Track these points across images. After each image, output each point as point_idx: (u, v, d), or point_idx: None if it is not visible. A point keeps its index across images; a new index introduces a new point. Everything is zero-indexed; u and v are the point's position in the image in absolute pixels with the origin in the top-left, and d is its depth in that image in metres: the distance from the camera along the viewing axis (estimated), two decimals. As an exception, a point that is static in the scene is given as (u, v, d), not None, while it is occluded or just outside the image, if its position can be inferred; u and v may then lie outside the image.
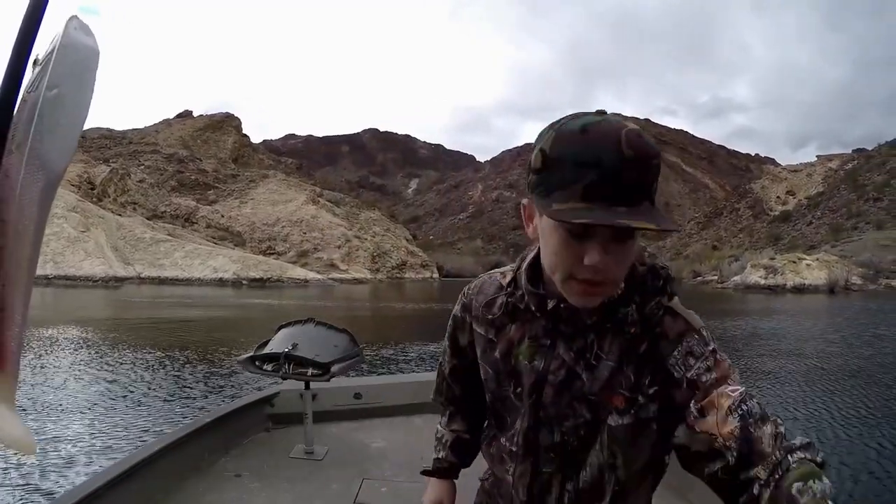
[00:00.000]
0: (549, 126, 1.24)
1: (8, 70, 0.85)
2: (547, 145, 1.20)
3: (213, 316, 35.79)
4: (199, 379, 15.35)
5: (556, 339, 1.43)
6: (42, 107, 0.90)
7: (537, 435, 1.46)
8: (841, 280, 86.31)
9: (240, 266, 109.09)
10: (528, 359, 1.46)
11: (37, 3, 0.87)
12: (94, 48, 1.00)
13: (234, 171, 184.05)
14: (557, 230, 1.22)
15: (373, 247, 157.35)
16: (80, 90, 0.97)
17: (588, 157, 1.13)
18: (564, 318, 1.40)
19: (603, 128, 1.15)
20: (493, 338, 1.55)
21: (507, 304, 1.54)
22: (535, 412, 1.45)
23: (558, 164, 1.17)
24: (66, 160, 0.96)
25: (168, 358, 18.44)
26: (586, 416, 1.39)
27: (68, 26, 0.97)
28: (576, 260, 1.22)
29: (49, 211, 0.95)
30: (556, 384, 1.41)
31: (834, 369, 18.63)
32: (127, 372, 16.07)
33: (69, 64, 0.95)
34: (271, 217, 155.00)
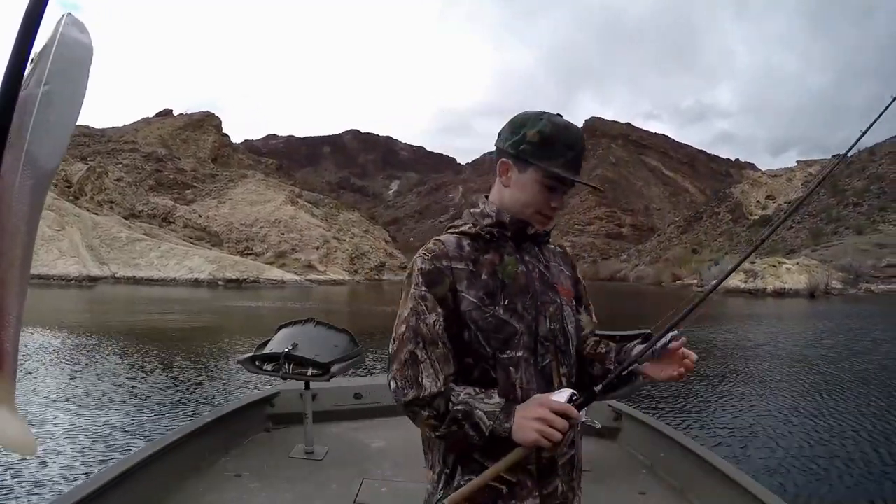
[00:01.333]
0: (538, 116, 1.93)
1: (8, 69, 0.83)
2: (546, 129, 1.88)
3: (184, 322, 34.96)
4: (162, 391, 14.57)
5: (521, 253, 1.99)
6: (32, 104, 0.89)
7: (538, 325, 1.91)
8: (821, 284, 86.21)
9: (216, 266, 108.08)
10: (514, 268, 1.94)
11: (36, 2, 0.85)
12: (87, 45, 0.99)
13: (213, 170, 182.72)
14: (538, 183, 1.91)
15: (351, 248, 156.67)
16: (72, 88, 0.96)
17: (571, 143, 1.89)
18: (525, 237, 2.01)
19: (574, 127, 1.93)
20: (473, 268, 1.90)
21: (476, 242, 1.96)
22: (535, 302, 1.93)
23: (554, 144, 1.87)
24: (58, 158, 0.95)
25: (130, 365, 17.74)
26: (557, 301, 1.99)
27: (61, 23, 0.96)
28: (545, 202, 1.94)
29: (41, 210, 0.95)
30: (538, 278, 1.97)
31: (814, 374, 18.63)
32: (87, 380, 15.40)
33: (61, 61, 0.93)
34: (249, 217, 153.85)
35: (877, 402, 14.51)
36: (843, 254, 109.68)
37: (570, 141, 1.89)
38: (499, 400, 1.78)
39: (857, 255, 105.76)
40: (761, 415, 13.15)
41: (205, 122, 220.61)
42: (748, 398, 14.99)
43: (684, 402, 14.07)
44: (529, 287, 1.93)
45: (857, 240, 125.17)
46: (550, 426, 1.68)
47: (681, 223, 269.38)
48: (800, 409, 13.75)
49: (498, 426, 1.74)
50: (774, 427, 12.07)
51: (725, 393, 15.56)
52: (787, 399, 14.88)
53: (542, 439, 1.68)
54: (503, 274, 1.91)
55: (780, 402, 14.54)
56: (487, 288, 1.88)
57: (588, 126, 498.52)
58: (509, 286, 1.90)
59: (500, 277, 1.90)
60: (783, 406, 14.01)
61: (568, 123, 1.93)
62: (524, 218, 1.97)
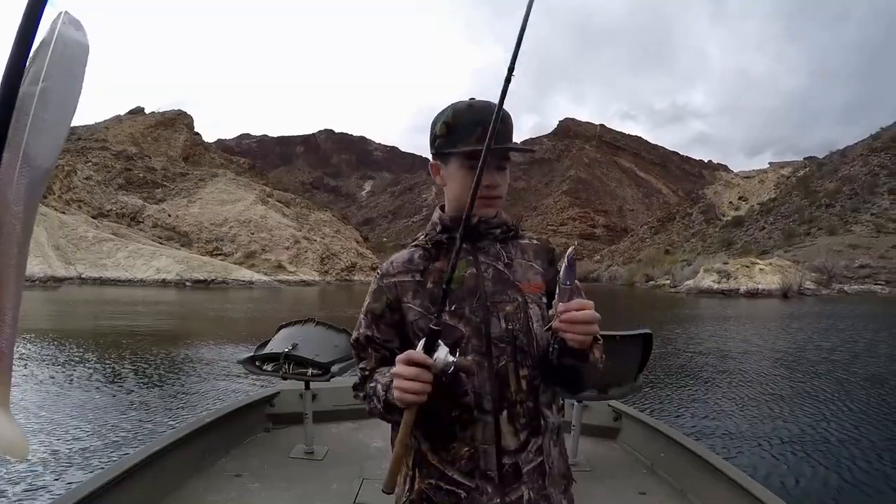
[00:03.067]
0: (445, 108, 1.95)
1: (7, 68, 0.84)
2: (448, 118, 1.90)
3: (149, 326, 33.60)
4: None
5: (476, 254, 1.94)
6: (27, 102, 0.89)
7: (489, 328, 1.84)
8: (794, 285, 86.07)
9: (183, 267, 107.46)
10: (463, 271, 1.88)
11: (36, 2, 0.85)
12: (83, 43, 0.99)
13: (184, 169, 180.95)
14: (462, 168, 1.91)
15: (322, 248, 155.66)
16: (67, 86, 0.96)
17: (476, 119, 1.84)
18: (479, 235, 1.95)
19: (481, 103, 1.88)
20: (421, 278, 1.93)
21: (428, 251, 1.98)
22: (484, 304, 1.86)
23: (458, 127, 1.87)
24: (54, 157, 0.95)
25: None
26: (519, 299, 1.89)
27: (57, 21, 0.96)
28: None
29: (36, 209, 0.94)
30: (490, 278, 1.90)
31: (790, 372, 18.56)
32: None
33: (58, 59, 0.93)
34: (219, 217, 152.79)
35: (872, 401, 14.42)
36: (816, 254, 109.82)
37: (475, 117, 1.86)
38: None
39: (830, 255, 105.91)
40: (751, 416, 12.91)
41: (177, 120, 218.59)
42: (739, 397, 14.80)
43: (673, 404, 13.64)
44: (477, 288, 1.89)
45: (829, 240, 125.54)
46: (403, 378, 1.65)
47: (654, 224, 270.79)
48: (792, 409, 13.59)
49: (389, 394, 1.77)
50: (758, 425, 12.03)
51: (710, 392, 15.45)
52: (778, 398, 14.70)
53: (401, 395, 1.66)
54: (451, 280, 1.80)
55: (775, 403, 14.23)
56: (433, 296, 1.88)
57: (561, 127, 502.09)
58: (457, 290, 1.86)
59: (445, 287, 1.79)
60: (776, 408, 13.72)
61: (473, 102, 1.91)
62: (468, 210, 1.82)
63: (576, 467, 4.95)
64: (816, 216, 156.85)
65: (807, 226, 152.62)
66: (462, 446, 1.83)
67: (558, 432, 1.97)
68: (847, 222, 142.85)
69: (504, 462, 1.81)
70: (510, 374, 1.84)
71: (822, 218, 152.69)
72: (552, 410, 1.94)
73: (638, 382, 5.46)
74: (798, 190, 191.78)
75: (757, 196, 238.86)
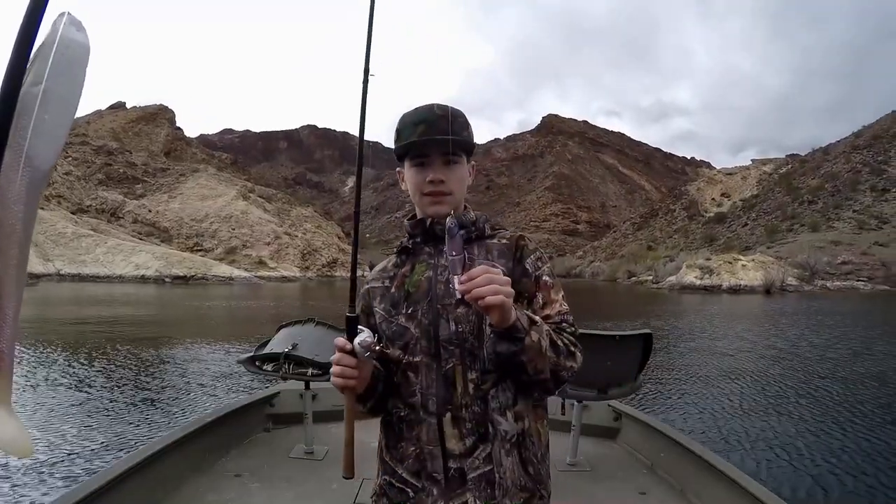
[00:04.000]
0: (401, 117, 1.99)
1: (9, 68, 0.84)
2: (398, 125, 1.94)
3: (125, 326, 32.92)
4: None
5: (437, 256, 1.94)
6: (29, 102, 0.90)
7: (438, 330, 1.85)
8: (777, 281, 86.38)
9: (163, 263, 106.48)
10: (422, 275, 1.93)
11: (37, 2, 0.86)
12: (84, 44, 0.99)
13: (165, 164, 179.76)
14: (410, 167, 1.95)
15: (303, 244, 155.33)
16: (68, 86, 0.96)
17: (417, 119, 1.89)
18: (440, 236, 1.86)
19: (424, 105, 1.94)
20: (388, 283, 1.99)
21: (398, 257, 2.05)
22: (434, 306, 1.87)
23: (402, 130, 1.92)
24: (54, 157, 0.95)
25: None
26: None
27: (58, 22, 0.96)
28: (422, 180, 1.91)
29: (37, 209, 0.95)
30: (444, 280, 1.87)
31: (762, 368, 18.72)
32: None
33: (57, 60, 0.94)
34: (200, 212, 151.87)
35: (870, 401, 14.18)
36: (798, 251, 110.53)
37: (417, 118, 1.91)
38: None
39: (813, 252, 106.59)
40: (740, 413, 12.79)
41: (158, 115, 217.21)
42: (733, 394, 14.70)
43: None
44: (430, 291, 1.91)
45: (812, 237, 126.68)
46: (336, 365, 1.73)
47: (636, 220, 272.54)
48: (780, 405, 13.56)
49: None
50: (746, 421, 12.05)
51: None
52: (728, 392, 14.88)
53: (334, 379, 1.74)
54: (409, 283, 1.94)
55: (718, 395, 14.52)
56: (393, 299, 1.95)
57: (545, 123, 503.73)
58: (413, 294, 1.92)
59: (406, 287, 1.94)
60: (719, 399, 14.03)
61: (419, 107, 1.97)
62: (421, 209, 1.99)
63: (576, 467, 5.11)
64: (799, 213, 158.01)
65: (789, 222, 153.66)
66: (409, 446, 1.87)
67: (520, 441, 1.87)
68: (829, 219, 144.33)
69: (450, 466, 1.81)
70: (458, 376, 1.83)
71: (805, 214, 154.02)
72: (506, 417, 1.85)
73: (638, 382, 5.49)
74: (780, 186, 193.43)
75: (739, 193, 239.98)
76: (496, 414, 1.83)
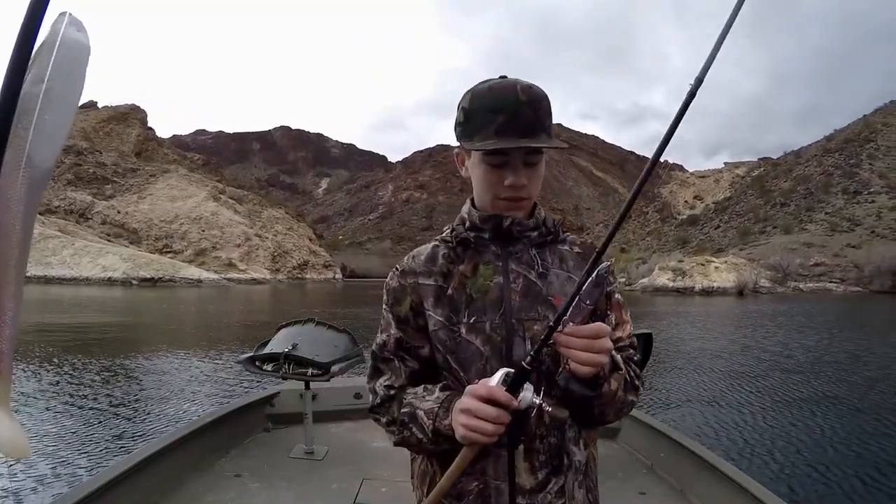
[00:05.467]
0: (466, 92, 1.67)
1: (9, 68, 0.82)
2: (465, 103, 1.63)
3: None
4: None
5: (506, 259, 1.69)
6: (30, 103, 0.89)
7: (511, 347, 1.60)
8: (750, 283, 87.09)
9: (130, 265, 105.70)
10: (489, 278, 1.67)
11: (38, 2, 0.82)
12: (84, 44, 0.98)
13: (135, 164, 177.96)
14: (482, 164, 1.65)
15: (274, 246, 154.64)
16: (68, 86, 0.95)
17: (495, 105, 1.56)
18: (512, 237, 1.70)
19: (504, 84, 1.60)
20: (443, 283, 1.70)
21: (453, 250, 1.75)
22: (508, 321, 1.62)
23: (475, 115, 1.60)
24: (54, 157, 0.94)
25: None
26: (549, 316, 1.60)
27: (59, 21, 0.96)
28: (499, 183, 1.64)
29: (36, 210, 0.94)
30: (519, 290, 1.65)
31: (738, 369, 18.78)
32: None
33: (58, 60, 0.93)
34: (169, 214, 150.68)
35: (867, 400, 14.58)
36: (771, 252, 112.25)
37: (495, 103, 1.58)
38: (438, 395, 1.61)
39: (785, 253, 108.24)
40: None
41: (129, 115, 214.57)
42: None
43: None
44: (503, 302, 1.64)
45: (784, 239, 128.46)
46: (476, 416, 1.43)
47: (609, 222, 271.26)
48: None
49: (439, 424, 1.56)
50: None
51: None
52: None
53: (469, 434, 1.44)
54: (472, 287, 1.68)
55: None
56: (453, 304, 1.68)
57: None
58: (478, 301, 1.66)
59: (469, 291, 1.68)
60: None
61: (494, 84, 1.63)
62: (491, 210, 1.71)
63: None
64: (771, 215, 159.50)
65: (761, 224, 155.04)
66: (471, 481, 1.62)
67: (586, 471, 1.71)
68: (801, 221, 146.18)
69: (518, 502, 1.61)
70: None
71: (777, 217, 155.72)
72: (579, 447, 1.69)
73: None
74: (753, 189, 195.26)
75: (712, 195, 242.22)
76: (571, 444, 1.66)
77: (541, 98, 1.60)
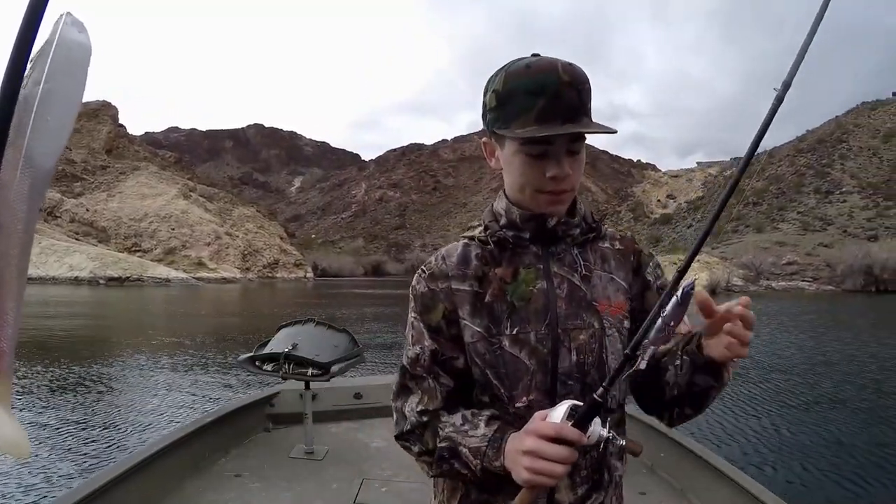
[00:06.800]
0: (498, 70, 1.49)
1: (8, 69, 0.82)
2: (499, 85, 1.44)
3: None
4: None
5: (548, 261, 1.56)
6: (31, 103, 0.89)
7: (557, 360, 1.49)
8: (722, 281, 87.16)
9: (98, 264, 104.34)
10: (531, 284, 1.53)
11: (37, 2, 0.83)
12: (86, 45, 0.99)
13: (105, 162, 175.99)
14: (520, 154, 1.47)
15: (244, 245, 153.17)
16: (70, 87, 0.96)
17: (535, 87, 1.39)
18: (555, 238, 1.57)
19: (542, 62, 1.41)
20: (479, 289, 1.56)
21: (488, 250, 1.60)
22: (554, 330, 1.50)
23: (511, 98, 1.42)
24: (55, 159, 0.95)
25: None
26: (595, 325, 1.52)
27: (60, 22, 0.96)
28: (540, 175, 1.47)
29: (38, 210, 0.94)
30: (565, 297, 1.53)
31: None
32: None
33: (59, 60, 0.93)
34: (139, 212, 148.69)
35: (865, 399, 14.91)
36: (743, 251, 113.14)
37: (535, 84, 1.40)
38: (485, 431, 1.47)
39: (758, 252, 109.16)
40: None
41: (100, 111, 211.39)
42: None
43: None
44: (549, 310, 1.52)
45: (757, 238, 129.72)
46: (542, 458, 1.31)
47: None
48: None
49: (488, 464, 1.44)
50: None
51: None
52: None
53: (536, 478, 1.31)
54: (513, 294, 1.55)
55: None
56: (493, 314, 1.55)
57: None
58: (521, 309, 1.53)
59: (510, 298, 1.55)
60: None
61: (531, 62, 1.44)
62: (529, 206, 1.56)
63: None
64: (744, 214, 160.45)
65: (734, 223, 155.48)
66: (507, 498, 1.44)
67: (621, 484, 1.63)
68: (774, 220, 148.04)
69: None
70: None
71: (750, 216, 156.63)
72: (621, 462, 1.61)
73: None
74: (726, 189, 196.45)
75: (685, 194, 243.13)
76: (613, 458, 1.58)
77: (583, 78, 1.46)
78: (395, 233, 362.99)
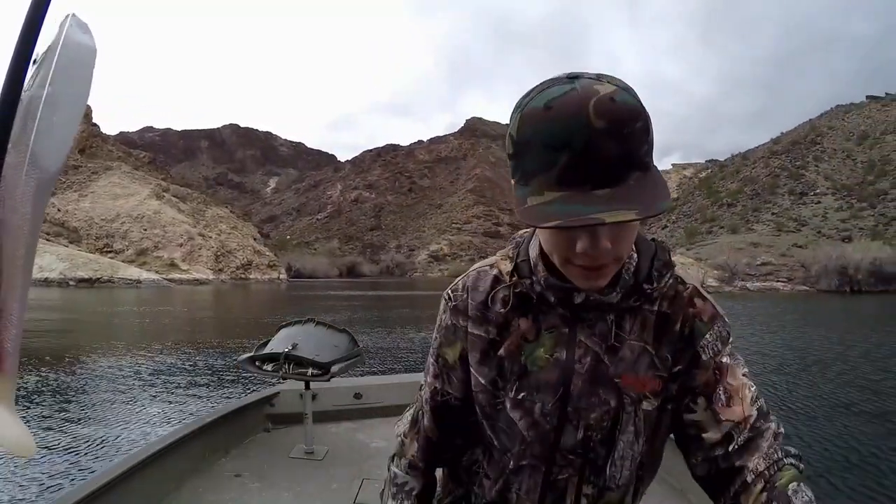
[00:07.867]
0: (517, 104, 1.09)
1: (10, 70, 0.83)
2: (514, 129, 1.08)
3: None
4: None
5: (574, 327, 1.33)
6: (36, 105, 0.89)
7: (560, 437, 1.35)
8: (697, 282, 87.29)
9: (67, 265, 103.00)
10: (549, 352, 1.33)
11: (38, 3, 0.85)
12: (90, 46, 0.98)
13: (77, 161, 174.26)
14: None
15: (217, 245, 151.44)
16: (75, 90, 0.95)
17: (556, 138, 1.00)
18: (589, 306, 1.31)
19: (568, 100, 1.01)
20: (497, 337, 1.39)
21: (514, 297, 1.39)
22: (563, 408, 1.33)
23: (527, 150, 1.06)
24: (62, 159, 0.95)
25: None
26: (611, 403, 1.31)
27: (65, 24, 0.95)
28: (569, 246, 1.13)
29: (44, 210, 0.95)
30: (585, 373, 1.31)
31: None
32: None
33: (65, 62, 0.93)
34: (111, 212, 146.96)
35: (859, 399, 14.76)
36: (718, 252, 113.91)
37: (555, 135, 1.01)
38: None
39: (733, 253, 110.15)
40: None
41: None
42: None
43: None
44: (560, 384, 1.33)
45: (731, 239, 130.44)
46: None
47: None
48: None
49: None
50: None
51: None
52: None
53: None
54: (528, 356, 1.35)
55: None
56: (502, 369, 1.38)
57: (468, 126, 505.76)
58: (532, 374, 1.35)
59: (524, 360, 1.36)
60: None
61: (553, 100, 1.02)
62: (562, 269, 1.23)
63: None
64: (718, 215, 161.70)
65: (709, 224, 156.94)
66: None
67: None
68: (748, 221, 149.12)
69: None
70: (569, 488, 1.38)
71: (724, 217, 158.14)
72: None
73: None
74: (701, 190, 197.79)
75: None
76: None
77: (629, 117, 1.01)
78: (370, 234, 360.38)
